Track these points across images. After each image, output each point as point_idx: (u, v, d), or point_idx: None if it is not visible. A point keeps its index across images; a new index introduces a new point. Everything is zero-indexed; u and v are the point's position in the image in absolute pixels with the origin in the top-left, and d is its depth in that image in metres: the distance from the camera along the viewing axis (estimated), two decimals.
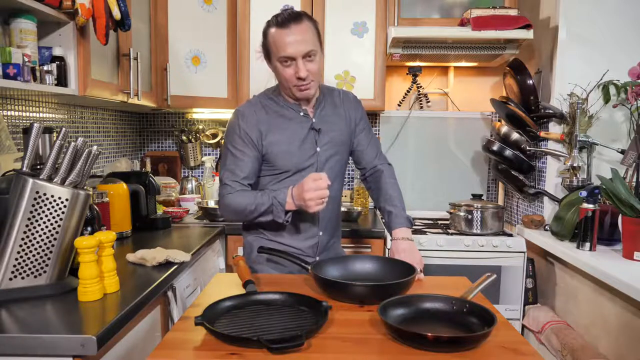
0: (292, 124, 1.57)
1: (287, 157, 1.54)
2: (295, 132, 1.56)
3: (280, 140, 1.54)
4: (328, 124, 1.61)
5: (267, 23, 1.52)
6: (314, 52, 1.47)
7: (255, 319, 1.11)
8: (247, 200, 1.48)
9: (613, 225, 1.99)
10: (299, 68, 1.46)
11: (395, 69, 2.93)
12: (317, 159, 1.58)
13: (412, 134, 2.89)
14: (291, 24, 1.45)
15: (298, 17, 1.47)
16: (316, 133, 1.58)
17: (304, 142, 1.56)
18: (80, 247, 1.24)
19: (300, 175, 1.53)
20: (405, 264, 1.40)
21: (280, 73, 1.51)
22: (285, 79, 1.50)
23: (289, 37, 1.44)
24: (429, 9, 2.59)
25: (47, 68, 1.55)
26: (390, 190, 1.64)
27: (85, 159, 1.33)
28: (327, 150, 1.60)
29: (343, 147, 1.65)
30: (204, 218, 2.50)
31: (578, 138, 2.13)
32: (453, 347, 0.97)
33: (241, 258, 1.39)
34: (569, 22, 2.21)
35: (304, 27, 1.46)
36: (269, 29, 1.50)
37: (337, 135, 1.62)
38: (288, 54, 1.45)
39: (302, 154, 1.56)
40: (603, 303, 1.78)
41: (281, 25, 1.46)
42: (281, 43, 1.45)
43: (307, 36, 1.46)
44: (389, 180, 1.67)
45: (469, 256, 2.30)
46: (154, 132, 3.02)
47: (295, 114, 1.58)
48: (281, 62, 1.48)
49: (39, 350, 1.05)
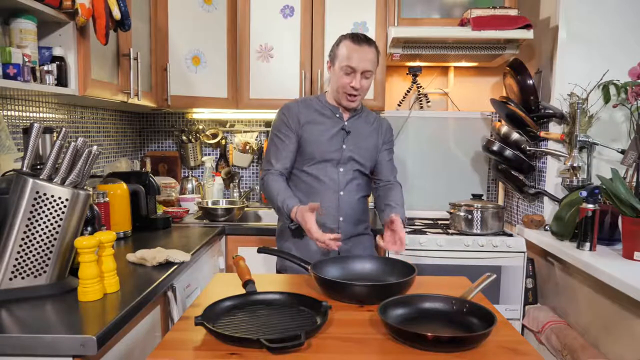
0: (327, 120, 1.83)
1: (315, 145, 1.79)
2: (328, 128, 1.82)
3: (313, 131, 1.80)
4: (357, 131, 1.85)
5: (342, 36, 1.77)
6: (371, 73, 1.76)
7: (255, 319, 1.11)
8: (274, 191, 1.73)
9: (613, 225, 1.99)
10: (357, 79, 1.73)
11: (395, 69, 2.93)
12: (342, 155, 1.81)
13: (412, 134, 2.89)
14: (364, 44, 1.72)
15: (370, 42, 1.75)
16: (345, 134, 1.82)
17: (333, 138, 1.81)
18: (80, 247, 1.24)
19: (323, 165, 1.80)
20: (405, 263, 1.40)
21: (337, 78, 1.76)
22: (341, 85, 1.75)
23: (358, 53, 1.71)
24: (429, 9, 2.59)
25: (47, 68, 1.55)
26: (395, 197, 1.82)
27: (85, 159, 1.33)
28: (352, 150, 1.82)
29: (367, 153, 1.86)
30: (204, 218, 2.50)
31: (578, 138, 2.13)
32: (453, 347, 0.97)
33: (241, 258, 1.39)
34: (569, 22, 2.21)
35: (372, 51, 1.74)
36: (344, 39, 1.75)
37: (363, 143, 1.85)
38: (353, 65, 1.71)
39: (329, 146, 1.80)
40: (603, 303, 1.78)
41: (355, 41, 1.72)
42: (351, 55, 1.71)
43: (372, 56, 1.74)
44: (396, 192, 1.85)
45: (469, 256, 2.29)
46: (154, 132, 3.02)
47: (332, 114, 1.84)
48: (343, 69, 1.73)
49: (39, 350, 1.05)
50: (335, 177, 1.81)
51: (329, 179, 1.81)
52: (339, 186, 1.81)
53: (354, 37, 1.74)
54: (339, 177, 1.81)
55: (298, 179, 1.83)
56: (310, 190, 1.81)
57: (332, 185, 1.81)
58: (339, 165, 1.82)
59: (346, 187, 1.82)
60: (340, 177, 1.81)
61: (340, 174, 1.82)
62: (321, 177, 1.80)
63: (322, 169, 1.80)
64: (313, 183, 1.81)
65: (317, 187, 1.81)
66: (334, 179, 1.81)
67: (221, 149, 2.99)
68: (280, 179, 1.77)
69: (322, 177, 1.80)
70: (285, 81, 2.59)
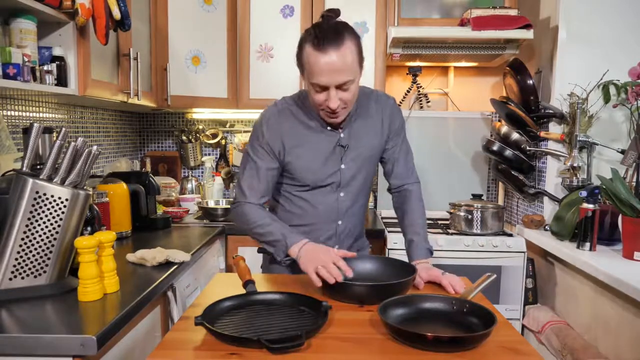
0: (318, 137, 1.46)
1: (308, 173, 1.46)
2: (320, 148, 1.46)
3: (303, 155, 1.45)
4: (357, 140, 1.49)
5: (305, 34, 1.34)
6: (351, 82, 1.32)
7: (255, 319, 1.11)
8: (260, 221, 1.41)
9: (613, 225, 1.99)
10: (331, 98, 1.32)
11: (395, 69, 2.93)
12: (341, 176, 1.49)
13: (412, 134, 2.88)
14: (330, 48, 1.26)
15: (339, 38, 1.27)
16: (342, 149, 1.47)
17: (328, 159, 1.47)
18: (80, 247, 1.24)
19: (320, 191, 1.49)
20: (405, 263, 1.40)
21: (310, 95, 1.37)
22: (315, 102, 1.37)
23: (325, 65, 1.27)
24: (429, 9, 2.59)
25: (47, 68, 1.55)
26: (415, 215, 1.54)
27: (85, 159, 1.33)
28: (352, 168, 1.49)
29: (371, 161, 1.55)
30: (204, 218, 2.50)
31: (578, 138, 2.13)
32: (453, 347, 0.97)
33: (241, 258, 1.39)
34: (569, 22, 2.21)
35: (344, 51, 1.27)
36: (305, 44, 1.31)
37: (365, 151, 1.51)
38: (322, 84, 1.30)
39: (325, 170, 1.47)
40: (603, 303, 1.78)
41: (319, 49, 1.27)
42: (316, 69, 1.28)
43: (345, 63, 1.28)
44: (416, 203, 1.57)
45: (469, 256, 2.29)
46: (154, 132, 3.02)
47: (322, 126, 1.46)
48: (313, 86, 1.33)
49: (39, 350, 1.05)
50: (334, 205, 1.50)
51: (324, 207, 1.50)
52: (337, 214, 1.51)
53: (316, 41, 1.27)
54: (338, 205, 1.51)
55: (289, 201, 1.53)
56: (304, 215, 1.51)
57: (329, 215, 1.51)
58: (340, 190, 1.50)
59: (346, 213, 1.53)
60: (339, 205, 1.51)
61: (340, 199, 1.50)
62: (316, 204, 1.50)
63: (317, 194, 1.49)
64: (307, 209, 1.51)
65: (311, 213, 1.51)
66: (333, 207, 1.50)
67: (221, 149, 2.99)
68: (260, 209, 1.45)
69: (317, 204, 1.50)
70: (285, 81, 2.59)
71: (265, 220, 1.42)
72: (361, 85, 1.47)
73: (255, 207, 1.44)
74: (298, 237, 1.36)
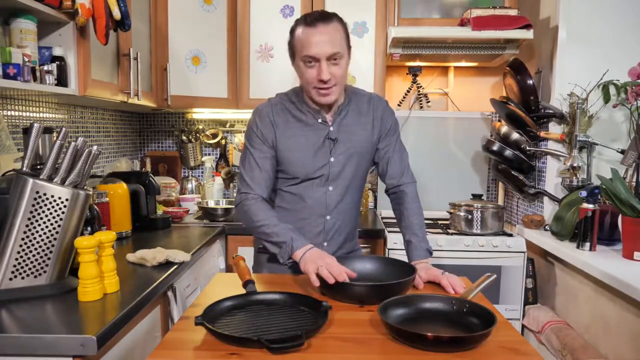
0: (308, 130, 1.51)
1: (297, 165, 1.51)
2: (310, 140, 1.51)
3: (294, 147, 1.50)
4: (347, 134, 1.53)
5: (295, 21, 1.46)
6: (340, 55, 1.41)
7: (255, 319, 1.11)
8: (267, 221, 1.43)
9: (613, 225, 1.99)
10: (322, 70, 1.39)
11: (395, 69, 2.93)
12: (330, 170, 1.52)
13: (412, 134, 2.89)
14: (319, 24, 1.39)
15: (327, 17, 1.42)
16: (332, 142, 1.52)
17: (317, 151, 1.51)
18: (80, 247, 1.24)
19: (309, 184, 1.52)
20: (405, 263, 1.40)
21: (302, 73, 1.45)
22: (307, 80, 1.44)
23: (315, 36, 1.38)
24: (429, 9, 2.59)
25: (47, 68, 1.55)
26: (411, 216, 1.55)
27: (85, 159, 1.33)
28: (341, 161, 1.53)
29: (362, 158, 1.57)
30: (204, 218, 2.50)
31: (578, 138, 2.13)
32: (453, 347, 0.97)
33: (241, 258, 1.39)
34: (569, 22, 2.21)
35: (332, 28, 1.40)
36: (297, 27, 1.43)
37: (355, 145, 1.54)
38: (312, 54, 1.39)
39: (314, 163, 1.51)
40: (603, 303, 1.78)
41: (309, 24, 1.39)
42: (306, 42, 1.39)
43: (334, 37, 1.40)
44: (411, 204, 1.58)
45: (469, 256, 2.29)
46: (154, 132, 3.02)
47: (313, 120, 1.52)
48: (304, 62, 1.42)
49: (39, 350, 1.05)
50: (323, 199, 1.53)
51: (313, 201, 1.53)
52: (326, 209, 1.54)
53: (307, 19, 1.41)
54: (326, 199, 1.53)
55: (279, 196, 1.57)
56: (293, 209, 1.55)
57: (317, 210, 1.54)
58: (328, 184, 1.53)
59: (335, 209, 1.55)
60: (328, 199, 1.53)
61: (329, 194, 1.53)
62: (305, 198, 1.53)
63: (307, 187, 1.53)
64: (296, 203, 1.55)
65: (299, 207, 1.54)
66: (321, 201, 1.53)
67: (221, 149, 2.99)
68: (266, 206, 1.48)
69: (306, 198, 1.53)
70: (285, 81, 2.59)
71: (272, 220, 1.43)
72: (358, 87, 1.58)
73: (261, 204, 1.47)
74: (303, 242, 1.37)
